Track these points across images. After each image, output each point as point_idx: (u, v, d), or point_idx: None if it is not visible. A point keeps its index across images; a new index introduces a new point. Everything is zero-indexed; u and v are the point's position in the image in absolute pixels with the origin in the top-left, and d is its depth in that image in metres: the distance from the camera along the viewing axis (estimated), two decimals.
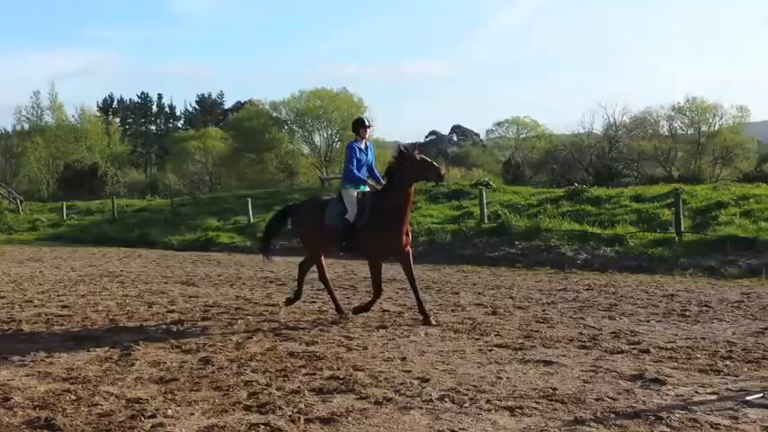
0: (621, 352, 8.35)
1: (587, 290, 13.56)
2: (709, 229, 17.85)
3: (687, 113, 65.17)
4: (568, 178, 48.44)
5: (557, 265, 17.34)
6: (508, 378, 7.24)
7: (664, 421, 5.77)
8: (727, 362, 7.76)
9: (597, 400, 6.41)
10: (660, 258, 16.72)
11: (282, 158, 63.24)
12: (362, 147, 10.96)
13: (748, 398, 6.36)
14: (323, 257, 11.51)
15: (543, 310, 11.34)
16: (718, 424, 5.70)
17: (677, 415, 5.91)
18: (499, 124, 79.16)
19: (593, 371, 7.48)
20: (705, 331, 9.52)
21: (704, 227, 18.26)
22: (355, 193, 10.73)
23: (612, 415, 5.98)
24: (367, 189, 10.84)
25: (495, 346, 8.79)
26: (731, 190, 21.95)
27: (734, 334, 9.31)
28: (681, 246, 17.14)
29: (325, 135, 63.87)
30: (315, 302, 12.48)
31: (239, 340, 9.30)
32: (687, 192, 21.46)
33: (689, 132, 65.75)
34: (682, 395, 6.55)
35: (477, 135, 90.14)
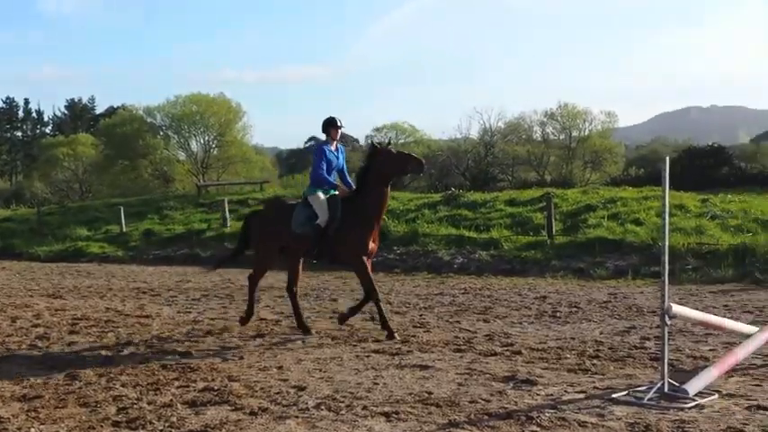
0: (495, 354, 8.51)
1: (463, 293, 13.78)
2: (579, 232, 18.45)
3: (559, 119, 67.23)
4: (446, 183, 49.21)
5: (434, 269, 17.56)
6: (385, 384, 7.26)
7: (534, 421, 5.89)
8: (595, 361, 8.01)
9: (471, 402, 6.50)
10: (533, 261, 17.17)
11: (157, 165, 61.69)
12: (333, 149, 10.27)
13: (614, 395, 6.58)
14: (300, 268, 10.65)
15: (420, 315, 11.45)
16: (586, 422, 5.86)
17: (547, 414, 6.05)
18: (378, 129, 79.63)
19: (467, 373, 7.59)
20: (574, 331, 9.82)
21: (574, 230, 18.87)
22: (324, 197, 10.03)
23: (486, 416, 6.07)
24: (337, 193, 10.12)
25: (373, 352, 8.81)
26: (600, 193, 22.78)
27: (601, 333, 9.63)
28: (552, 248, 17.65)
29: (202, 141, 62.68)
30: (189, 312, 12.21)
31: (109, 354, 8.99)
32: (558, 196, 22.12)
33: (560, 137, 67.87)
34: (552, 395, 6.71)
35: (357, 140, 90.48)
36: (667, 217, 6.69)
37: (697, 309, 9.94)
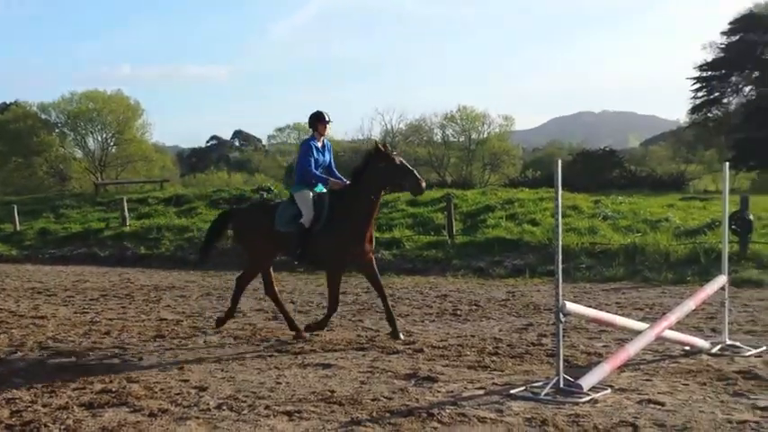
0: (397, 352, 8.62)
1: (366, 292, 13.86)
2: (479, 232, 18.81)
3: (458, 122, 68.31)
4: None
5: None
6: (287, 383, 7.26)
7: (435, 418, 6.00)
8: (494, 358, 8.20)
9: (373, 400, 6.57)
10: (434, 260, 17.41)
11: (53, 163, 59.81)
12: (320, 145, 9.70)
13: (512, 391, 6.76)
14: (271, 270, 10.14)
15: (323, 314, 11.44)
16: (485, 417, 6.01)
17: (447, 411, 6.17)
18: (281, 129, 79.35)
19: (369, 372, 7.66)
20: (474, 329, 10.02)
21: (474, 230, 19.22)
22: (311, 195, 9.48)
23: (387, 414, 6.15)
24: (324, 190, 9.59)
25: (276, 351, 8.80)
26: (498, 194, 23.29)
27: (500, 331, 9.86)
28: (453, 248, 17.93)
29: (99, 139, 61.09)
30: (87, 313, 11.90)
31: (1, 356, 8.70)
32: (458, 196, 22.50)
33: (460, 140, 68.97)
34: (452, 391, 6.85)
35: (260, 140, 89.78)
36: (560, 217, 6.88)
37: (590, 306, 10.28)
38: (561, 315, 6.77)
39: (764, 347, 8.35)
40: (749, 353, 8.10)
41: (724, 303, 8.61)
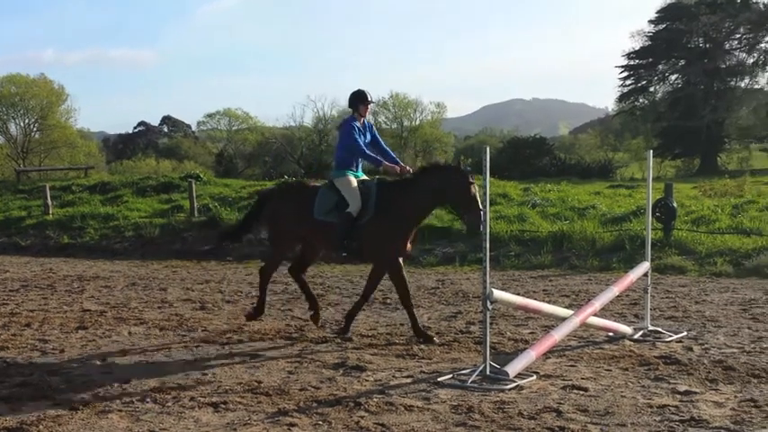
0: (326, 341, 8.59)
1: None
2: None
3: (391, 109, 68.51)
4: (280, 171, 48.89)
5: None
6: (214, 374, 7.17)
7: (362, 406, 5.99)
8: (423, 346, 8.23)
9: (301, 390, 6.53)
10: None
11: None
12: (360, 126, 8.99)
13: (440, 379, 6.79)
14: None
15: (252, 304, 11.33)
16: (412, 405, 6.02)
17: (375, 399, 6.17)
18: (211, 116, 78.32)
19: (298, 361, 7.62)
20: (404, 318, 9.96)
21: None
22: (355, 181, 8.75)
23: (315, 404, 6.12)
24: (365, 177, 9.02)
25: (202, 341, 8.68)
26: None
27: (429, 319, 9.89)
28: None
29: (21, 124, 59.45)
30: (7, 304, 11.56)
31: None
32: None
33: (393, 126, 69.18)
34: (380, 380, 6.85)
35: (189, 127, 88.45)
36: (488, 205, 6.92)
37: (518, 293, 10.41)
38: (488, 303, 6.83)
39: (685, 333, 8.56)
40: (670, 338, 8.29)
41: (647, 290, 8.79)
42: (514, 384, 6.53)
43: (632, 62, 57.35)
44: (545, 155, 52.35)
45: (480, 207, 8.02)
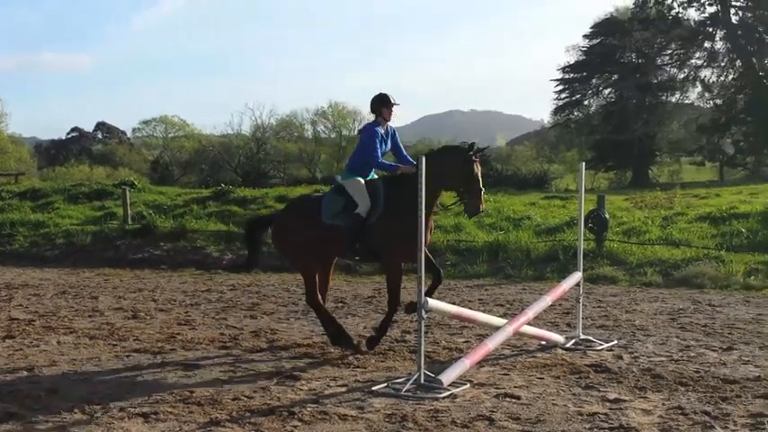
0: (261, 350, 8.52)
1: (231, 290, 13.65)
2: None
3: (330, 118, 68.52)
4: (218, 179, 48.50)
5: (202, 266, 17.25)
6: (145, 383, 7.06)
7: (296, 416, 5.96)
8: (358, 354, 8.22)
9: (234, 399, 6.46)
10: None
11: None
12: (383, 132, 8.52)
13: (374, 388, 6.79)
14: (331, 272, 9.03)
15: (186, 312, 11.22)
16: (346, 415, 6.01)
17: (309, 409, 6.14)
18: (146, 122, 77.29)
19: (231, 371, 7.55)
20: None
21: None
22: (363, 182, 8.41)
23: (248, 413, 6.06)
24: (375, 176, 8.61)
25: (134, 351, 8.53)
26: None
27: (365, 328, 9.89)
28: None
29: None
30: None
31: None
32: None
33: (331, 136, 69.21)
34: (314, 389, 6.82)
35: (124, 133, 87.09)
36: (423, 214, 6.95)
37: (454, 303, 10.47)
38: (423, 312, 6.85)
39: (615, 341, 8.71)
40: (601, 347, 8.44)
41: (579, 299, 8.93)
42: (448, 393, 6.56)
43: (567, 76, 58.26)
44: (482, 165, 52.81)
45: (480, 187, 7.96)
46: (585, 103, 59.31)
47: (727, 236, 15.52)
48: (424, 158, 7.20)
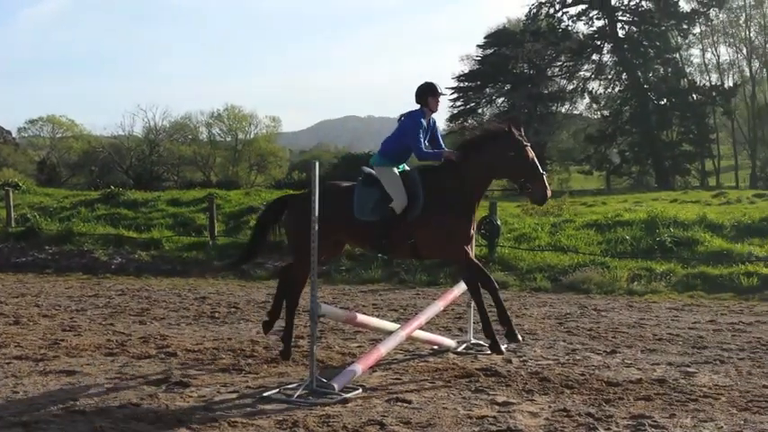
0: (149, 357, 8.32)
1: (120, 295, 13.30)
2: (242, 233, 18.61)
3: (226, 121, 67.68)
4: (108, 181, 47.24)
5: (90, 270, 16.75)
6: (26, 392, 6.80)
7: (184, 424, 5.84)
8: (250, 360, 8.13)
9: (120, 407, 6.29)
10: (195, 262, 17.04)
11: None
12: (426, 125, 7.92)
13: (266, 394, 6.72)
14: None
15: (71, 318, 10.85)
16: (236, 421, 5.93)
17: (198, 416, 6.04)
18: (33, 122, 74.64)
19: (118, 378, 7.34)
20: (232, 332, 9.88)
21: (237, 231, 19.01)
22: (397, 173, 7.78)
23: (134, 421, 5.91)
24: (407, 168, 7.97)
25: (14, 358, 8.19)
26: (262, 195, 23.22)
27: (258, 333, 9.76)
28: (214, 249, 17.64)
29: None
30: None
31: None
32: (221, 197, 22.17)
33: (227, 139, 68.38)
34: (204, 396, 6.70)
35: (9, 133, 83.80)
36: (316, 219, 6.93)
37: (348, 308, 10.49)
38: (316, 317, 6.83)
39: (505, 346, 8.86)
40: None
41: (471, 304, 9.05)
42: (340, 398, 6.55)
43: (462, 84, 59.34)
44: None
45: (543, 172, 7.48)
46: (480, 111, 60.50)
47: (612, 243, 16.04)
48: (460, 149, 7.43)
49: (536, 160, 7.54)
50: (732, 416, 6.10)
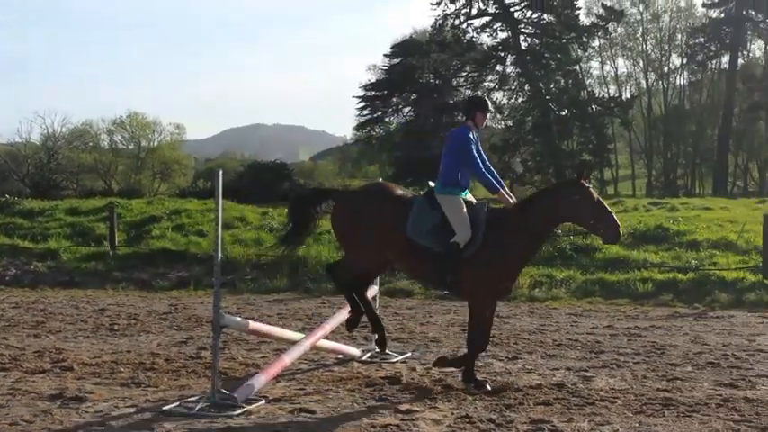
0: (44, 371, 8.04)
1: (14, 308, 12.82)
2: (143, 243, 18.23)
3: (128, 128, 66.18)
4: (3, 190, 45.54)
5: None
6: None
7: None
8: (150, 373, 7.93)
9: (11, 424, 6.07)
10: (94, 272, 16.58)
11: None
12: (474, 139, 7.55)
13: (166, 408, 6.57)
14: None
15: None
16: None
17: None
18: None
19: (10, 394, 7.06)
20: (132, 344, 9.64)
21: (138, 240, 18.60)
22: (464, 205, 7.33)
23: None
24: (470, 197, 7.61)
25: None
26: (165, 204, 22.78)
27: (159, 345, 9.58)
28: (115, 260, 17.20)
29: None
30: None
31: None
32: (122, 206, 21.67)
33: (129, 147, 66.86)
34: (101, 411, 6.51)
35: None
36: (220, 228, 6.83)
37: (252, 318, 10.37)
38: (219, 327, 6.72)
39: (410, 353, 8.93)
40: (396, 359, 8.62)
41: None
42: (243, 410, 6.46)
43: (369, 93, 59.55)
44: (285, 180, 52.86)
45: (609, 209, 7.23)
46: (387, 120, 60.84)
47: None
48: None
49: (602, 200, 7.33)
50: (627, 419, 6.28)
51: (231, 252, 16.22)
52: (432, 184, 7.62)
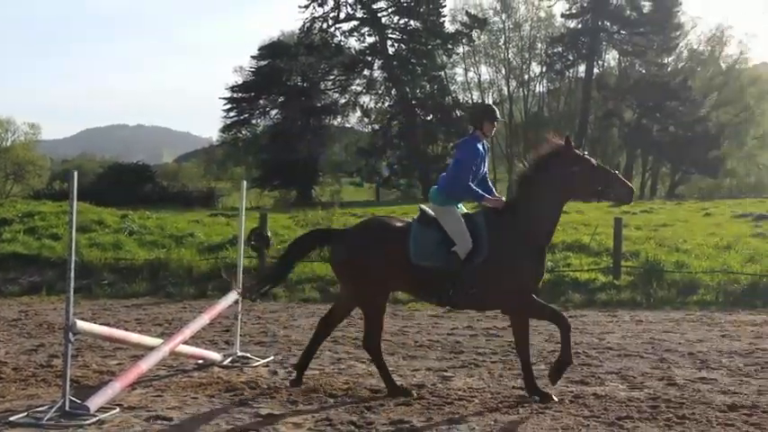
0: None
1: None
2: None
3: None
4: None
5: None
6: None
7: None
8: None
9: None
10: None
11: None
12: (482, 151, 7.28)
13: (12, 418, 6.27)
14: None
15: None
16: None
17: None
18: None
19: None
20: None
21: None
22: (461, 216, 7.11)
23: None
24: (464, 209, 7.36)
25: None
26: (17, 207, 21.77)
27: (7, 354, 9.12)
28: None
29: None
30: None
31: None
32: None
33: None
34: None
35: None
36: (74, 231, 6.56)
37: (109, 323, 10.05)
38: (71, 334, 6.46)
39: (272, 357, 8.86)
40: (257, 363, 8.53)
41: (237, 316, 8.96)
42: (96, 419, 6.24)
43: (236, 95, 58.78)
44: (147, 182, 51.54)
45: (612, 171, 7.08)
46: (254, 122, 60.23)
47: None
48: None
49: (602, 164, 7.21)
50: (483, 417, 6.44)
51: (87, 256, 15.66)
52: (423, 207, 7.42)
